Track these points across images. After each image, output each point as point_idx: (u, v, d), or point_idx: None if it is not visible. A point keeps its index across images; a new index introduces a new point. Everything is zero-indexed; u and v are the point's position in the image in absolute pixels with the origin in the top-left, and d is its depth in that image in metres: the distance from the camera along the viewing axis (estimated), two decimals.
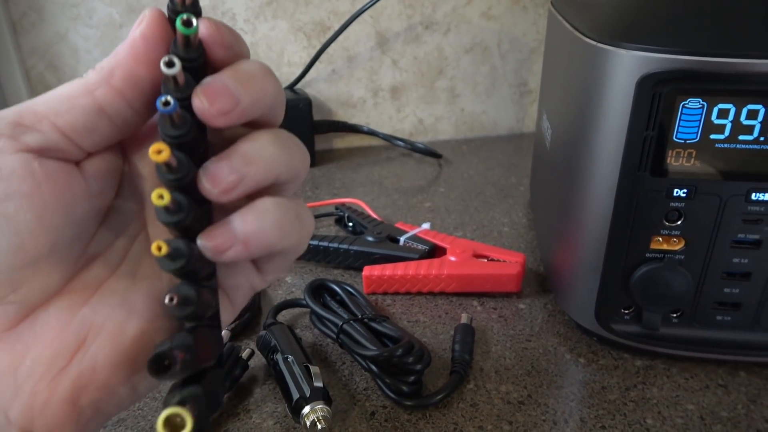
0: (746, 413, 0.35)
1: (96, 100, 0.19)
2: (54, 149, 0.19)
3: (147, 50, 0.19)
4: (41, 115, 0.18)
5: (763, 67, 0.30)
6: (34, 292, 0.19)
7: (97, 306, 0.20)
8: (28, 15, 0.66)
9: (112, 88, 0.19)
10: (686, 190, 0.33)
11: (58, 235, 0.19)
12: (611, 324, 0.38)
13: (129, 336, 0.20)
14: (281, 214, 0.20)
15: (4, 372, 0.19)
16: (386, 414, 0.35)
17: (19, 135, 0.18)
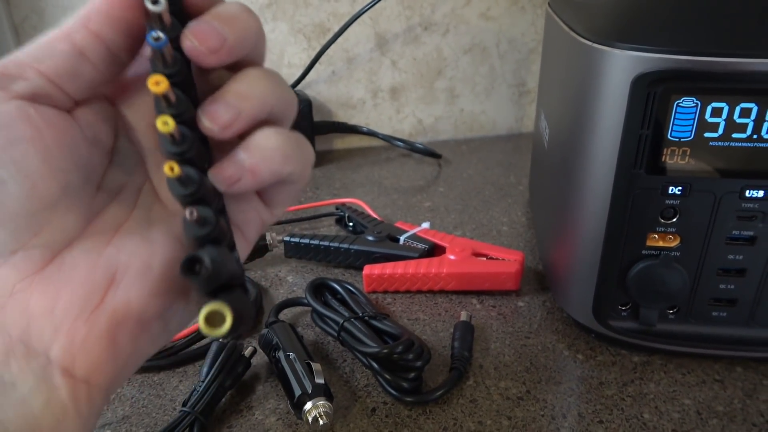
0: (742, 408, 0.35)
1: (75, 44, 0.19)
2: (43, 95, 0.19)
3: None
4: (25, 64, 0.19)
5: (755, 66, 0.30)
6: (55, 235, 0.20)
7: (120, 245, 0.21)
8: (29, 18, 0.66)
9: (90, 31, 0.19)
10: (681, 187, 0.34)
11: (66, 177, 0.20)
12: (609, 321, 0.39)
13: (156, 270, 0.21)
14: (281, 140, 0.21)
15: (41, 313, 0.19)
16: (387, 410, 0.35)
17: (6, 84, 0.19)
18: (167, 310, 0.21)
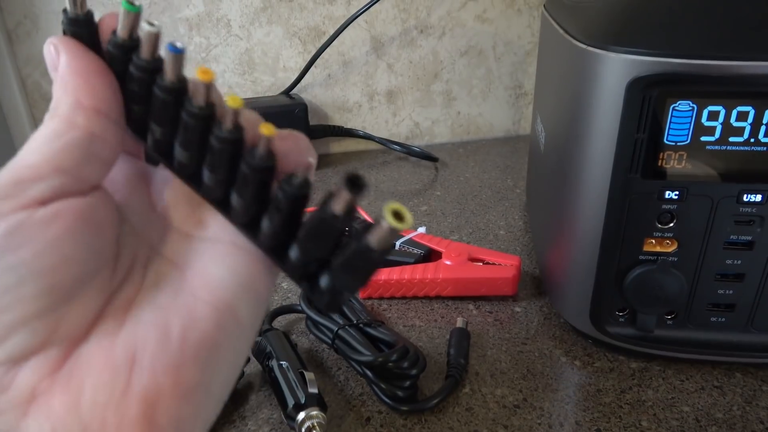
0: (742, 414, 0.35)
1: (82, 128, 0.19)
2: (63, 192, 0.19)
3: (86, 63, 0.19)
4: (38, 166, 0.18)
5: (752, 69, 0.30)
6: (73, 327, 0.19)
7: (134, 321, 0.20)
8: (23, 24, 0.66)
9: (88, 110, 0.19)
10: (678, 192, 0.33)
11: (84, 267, 0.19)
12: (606, 326, 0.38)
13: (175, 337, 0.20)
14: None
15: (65, 412, 0.18)
16: (382, 419, 0.35)
17: (23, 191, 0.18)
18: (202, 375, 0.20)
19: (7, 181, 0.18)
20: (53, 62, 0.20)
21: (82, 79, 0.19)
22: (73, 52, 0.19)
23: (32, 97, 0.70)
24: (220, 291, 0.20)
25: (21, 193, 0.18)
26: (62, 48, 0.19)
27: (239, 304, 0.20)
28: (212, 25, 0.70)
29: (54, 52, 0.20)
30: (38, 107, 0.70)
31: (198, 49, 0.70)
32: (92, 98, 0.19)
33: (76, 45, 0.20)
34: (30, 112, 0.70)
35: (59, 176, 0.18)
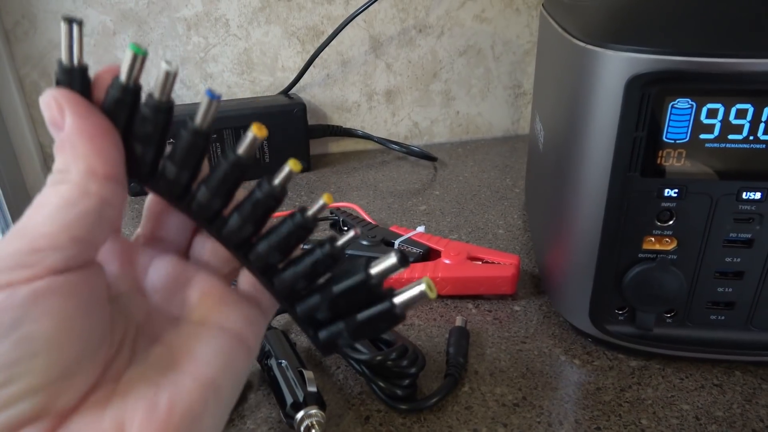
0: (741, 413, 0.35)
1: (95, 196, 0.19)
2: (77, 261, 0.19)
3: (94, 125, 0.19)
4: (55, 235, 0.18)
5: (751, 67, 0.30)
6: (68, 400, 0.19)
7: (122, 393, 0.20)
8: (21, 24, 0.66)
9: (101, 177, 0.19)
10: (677, 190, 0.33)
11: (90, 343, 0.19)
12: (605, 325, 0.38)
13: (163, 409, 0.20)
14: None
15: None
16: (381, 418, 0.35)
17: (40, 261, 0.18)
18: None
19: (24, 249, 0.18)
20: (55, 119, 0.19)
21: (93, 142, 0.19)
22: (80, 113, 0.19)
23: (30, 98, 0.69)
24: (205, 369, 0.21)
25: (38, 263, 0.18)
26: (68, 107, 0.19)
27: (222, 381, 0.21)
28: (210, 25, 0.70)
29: (57, 110, 0.19)
30: (36, 107, 0.70)
31: (196, 48, 0.70)
32: (104, 165, 0.19)
33: (82, 103, 0.19)
34: (28, 113, 0.70)
35: (75, 246, 0.19)
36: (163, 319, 0.23)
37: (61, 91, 0.19)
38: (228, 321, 0.22)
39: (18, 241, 0.18)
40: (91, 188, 0.19)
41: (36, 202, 0.19)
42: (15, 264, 0.18)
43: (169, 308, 0.23)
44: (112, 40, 0.68)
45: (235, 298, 0.23)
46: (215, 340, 0.22)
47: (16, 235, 0.18)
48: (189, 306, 0.23)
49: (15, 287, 0.17)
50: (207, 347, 0.22)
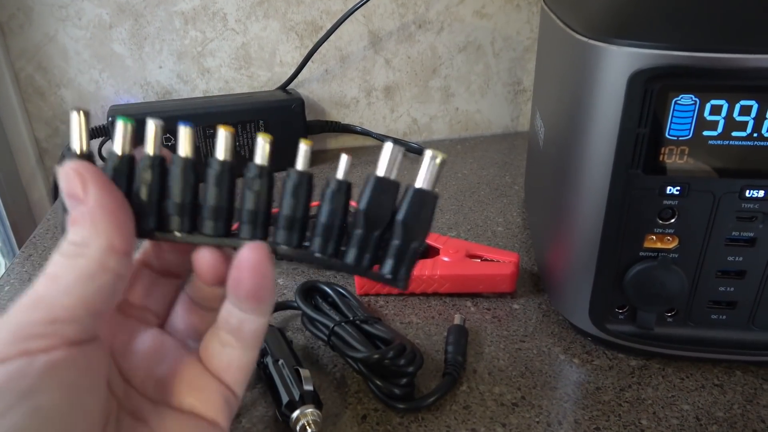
0: (742, 413, 0.34)
1: (113, 271, 0.20)
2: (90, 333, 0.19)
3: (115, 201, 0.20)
4: (73, 307, 0.19)
5: (755, 63, 0.29)
6: None
7: None
8: (16, 17, 0.65)
9: (120, 253, 0.20)
10: (679, 187, 0.33)
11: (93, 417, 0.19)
12: (605, 324, 0.38)
13: None
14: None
15: None
16: (378, 417, 0.34)
17: (58, 332, 0.18)
18: None
19: (42, 320, 0.18)
20: (74, 192, 0.20)
21: (114, 218, 0.20)
22: (103, 188, 0.20)
23: (25, 91, 0.69)
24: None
25: (55, 333, 0.18)
26: (91, 181, 0.20)
27: None
28: (208, 19, 0.69)
29: (79, 183, 0.20)
30: (31, 101, 0.69)
31: (194, 43, 0.70)
32: (123, 240, 0.20)
33: (103, 178, 0.20)
34: (23, 106, 0.69)
35: (91, 318, 0.19)
36: (138, 396, 0.23)
37: (84, 165, 0.20)
38: (203, 408, 0.22)
39: (36, 312, 0.18)
40: (109, 263, 0.19)
41: (51, 272, 0.19)
42: (33, 334, 0.18)
43: (144, 386, 0.23)
44: (108, 33, 0.67)
45: (208, 381, 0.23)
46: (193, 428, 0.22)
47: (34, 305, 0.19)
48: (164, 387, 0.23)
49: (33, 356, 0.18)
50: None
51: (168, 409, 0.22)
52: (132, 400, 0.22)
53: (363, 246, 0.21)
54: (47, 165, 0.73)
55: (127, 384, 0.23)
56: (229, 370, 0.23)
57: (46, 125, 0.71)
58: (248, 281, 0.21)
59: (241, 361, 0.23)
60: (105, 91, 0.70)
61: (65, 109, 0.70)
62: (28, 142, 0.70)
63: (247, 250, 0.20)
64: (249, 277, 0.20)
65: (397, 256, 0.21)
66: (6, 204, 0.68)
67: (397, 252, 0.21)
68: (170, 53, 0.70)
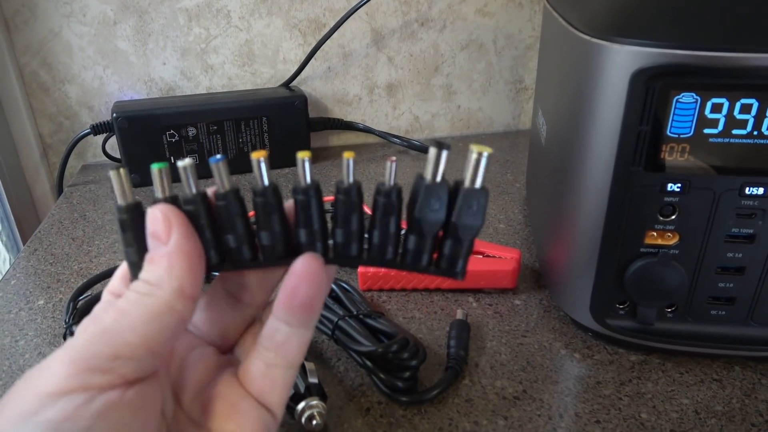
0: (741, 407, 0.35)
1: (179, 315, 0.20)
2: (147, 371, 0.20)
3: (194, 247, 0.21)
4: (136, 346, 0.19)
5: (756, 61, 0.30)
6: None
7: None
8: (21, 12, 0.65)
9: (188, 298, 0.20)
10: (680, 184, 0.33)
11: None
12: (606, 319, 0.38)
13: None
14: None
15: None
16: (381, 410, 0.35)
17: (116, 368, 0.19)
18: None
19: (106, 354, 0.19)
20: (158, 233, 0.20)
21: (189, 264, 0.20)
22: (185, 234, 0.20)
23: (30, 87, 0.69)
24: None
25: (115, 370, 0.19)
26: (176, 225, 0.20)
27: None
28: (212, 16, 0.69)
29: (164, 225, 0.20)
30: (36, 96, 0.70)
31: (197, 40, 0.70)
32: (193, 286, 0.20)
33: (186, 224, 0.21)
34: (28, 102, 0.69)
35: (150, 358, 0.20)
36: (184, 419, 0.23)
37: (171, 209, 0.21)
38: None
39: (100, 345, 0.19)
40: (177, 306, 0.20)
41: (122, 306, 0.20)
42: (95, 367, 0.18)
43: (191, 407, 0.23)
44: (112, 30, 0.68)
45: (249, 405, 0.23)
46: None
47: (100, 336, 0.19)
48: (208, 409, 0.23)
49: (91, 392, 0.18)
50: None
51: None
52: (179, 424, 0.22)
53: (421, 248, 0.22)
54: (51, 161, 0.73)
55: (177, 406, 0.23)
56: (272, 392, 0.23)
57: (50, 121, 0.71)
58: (304, 290, 0.21)
59: (284, 380, 0.23)
60: (109, 87, 0.70)
61: (69, 105, 0.71)
62: (32, 137, 0.70)
63: (303, 260, 0.21)
64: (305, 286, 0.21)
65: (456, 252, 0.22)
66: (10, 199, 0.69)
67: (454, 249, 0.22)
68: (174, 50, 0.70)
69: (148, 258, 0.21)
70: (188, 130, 0.65)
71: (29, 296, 0.48)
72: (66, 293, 0.48)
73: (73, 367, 0.18)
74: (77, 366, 0.18)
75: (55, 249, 0.54)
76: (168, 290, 0.20)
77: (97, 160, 0.74)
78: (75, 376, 0.18)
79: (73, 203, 0.64)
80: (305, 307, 0.21)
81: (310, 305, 0.21)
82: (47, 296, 0.47)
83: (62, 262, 0.52)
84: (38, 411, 0.18)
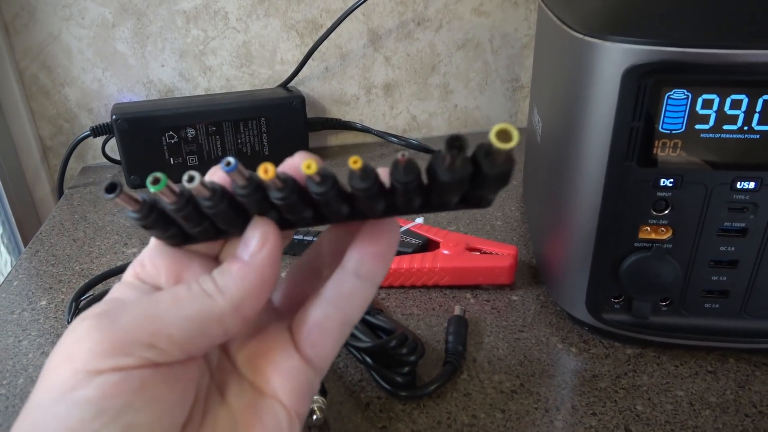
0: (735, 398, 0.35)
1: (224, 329, 0.20)
2: (167, 362, 0.19)
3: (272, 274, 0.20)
4: (175, 340, 0.19)
5: (745, 57, 0.30)
6: None
7: None
8: (20, 16, 0.66)
9: (241, 317, 0.20)
10: (673, 179, 0.34)
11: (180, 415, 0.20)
12: (602, 313, 0.39)
13: None
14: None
15: None
16: (381, 405, 0.35)
17: (151, 356, 0.19)
18: None
19: (145, 342, 0.18)
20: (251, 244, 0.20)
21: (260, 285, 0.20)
22: (272, 257, 0.20)
23: (30, 90, 0.69)
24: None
25: (149, 357, 0.19)
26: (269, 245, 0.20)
27: None
28: (210, 18, 0.70)
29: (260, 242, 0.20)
30: (36, 99, 0.70)
31: (195, 41, 0.70)
32: (252, 309, 0.20)
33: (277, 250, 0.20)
34: (28, 105, 0.70)
35: (182, 356, 0.19)
36: (229, 366, 0.23)
37: (273, 228, 0.20)
38: (285, 394, 0.22)
39: (142, 332, 0.19)
40: (226, 320, 0.20)
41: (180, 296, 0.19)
42: (128, 351, 0.18)
43: (237, 355, 0.23)
44: (111, 32, 0.68)
45: (296, 363, 0.22)
46: (273, 417, 0.22)
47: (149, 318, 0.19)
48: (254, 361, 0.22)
49: (126, 373, 0.18)
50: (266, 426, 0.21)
51: (253, 392, 0.22)
52: (223, 372, 0.22)
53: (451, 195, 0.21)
54: (51, 163, 0.74)
55: (223, 352, 0.23)
56: (323, 345, 0.22)
57: (50, 123, 0.72)
58: (385, 236, 0.21)
59: (338, 336, 0.22)
60: (108, 89, 0.71)
61: (69, 108, 0.71)
62: (33, 140, 0.71)
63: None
64: (386, 231, 0.21)
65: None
66: (11, 201, 0.69)
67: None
68: (172, 52, 0.70)
69: (227, 263, 0.20)
70: (187, 131, 0.65)
71: (32, 297, 0.48)
72: (68, 294, 0.48)
73: (110, 348, 0.18)
74: (114, 348, 0.18)
75: (57, 250, 0.55)
76: (227, 301, 0.19)
77: (97, 162, 0.74)
78: (110, 357, 0.18)
79: (73, 205, 0.64)
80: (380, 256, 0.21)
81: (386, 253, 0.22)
82: (49, 297, 0.48)
83: (64, 263, 0.53)
84: (76, 387, 0.18)
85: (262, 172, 0.18)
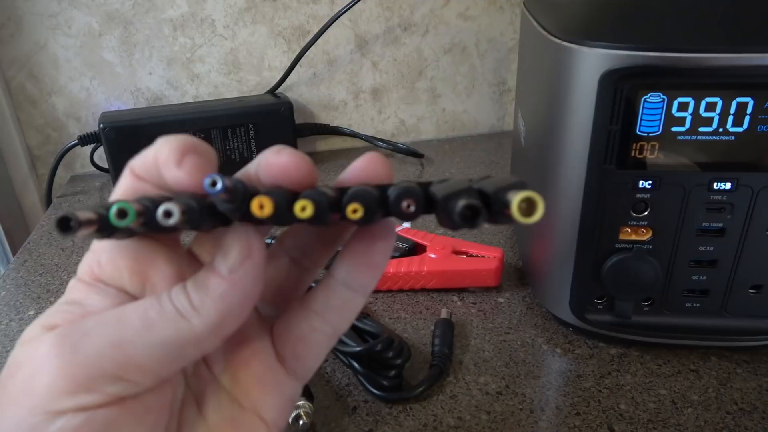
0: (716, 396, 0.36)
1: (201, 351, 0.18)
2: (134, 394, 0.18)
3: (255, 290, 0.18)
4: (146, 371, 0.17)
5: (719, 61, 0.31)
6: None
7: None
8: (6, 26, 0.66)
9: (221, 337, 0.18)
10: (651, 181, 0.34)
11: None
12: (585, 314, 0.39)
13: None
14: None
15: None
16: (368, 408, 0.36)
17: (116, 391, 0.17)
18: None
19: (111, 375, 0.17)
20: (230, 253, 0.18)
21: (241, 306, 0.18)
22: (255, 272, 0.18)
23: (17, 99, 0.69)
24: None
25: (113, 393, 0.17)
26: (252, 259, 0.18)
27: None
28: (197, 26, 0.70)
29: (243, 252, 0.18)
30: (23, 109, 0.70)
31: (183, 49, 0.71)
32: (231, 329, 0.18)
33: (262, 266, 0.18)
34: (15, 114, 0.70)
35: (153, 383, 0.18)
36: (205, 371, 0.21)
37: (258, 239, 0.18)
38: (265, 408, 0.21)
39: (109, 362, 0.17)
40: (204, 343, 0.18)
41: (151, 318, 0.17)
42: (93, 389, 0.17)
43: (215, 360, 0.21)
44: (98, 41, 0.68)
45: (278, 378, 0.21)
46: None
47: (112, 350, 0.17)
48: (231, 370, 0.21)
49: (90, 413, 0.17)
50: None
51: (228, 403, 0.21)
52: (199, 379, 0.21)
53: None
54: (39, 172, 0.74)
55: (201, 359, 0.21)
56: (307, 357, 0.21)
57: (37, 132, 0.72)
58: (381, 245, 0.20)
59: (323, 347, 0.21)
60: (96, 98, 0.71)
61: (56, 117, 0.71)
62: (20, 149, 0.71)
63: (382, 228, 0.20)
64: (382, 240, 0.20)
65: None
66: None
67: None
68: (160, 60, 0.71)
69: (204, 272, 0.18)
70: None
71: (19, 307, 0.48)
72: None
73: (72, 384, 0.16)
74: (76, 384, 0.17)
75: (45, 260, 0.55)
76: (204, 323, 0.17)
77: (85, 171, 0.74)
78: (72, 395, 0.17)
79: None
80: (371, 266, 0.20)
81: (378, 262, 0.20)
82: (37, 306, 0.48)
83: (52, 272, 0.53)
84: (36, 428, 0.16)
85: (257, 208, 0.17)
